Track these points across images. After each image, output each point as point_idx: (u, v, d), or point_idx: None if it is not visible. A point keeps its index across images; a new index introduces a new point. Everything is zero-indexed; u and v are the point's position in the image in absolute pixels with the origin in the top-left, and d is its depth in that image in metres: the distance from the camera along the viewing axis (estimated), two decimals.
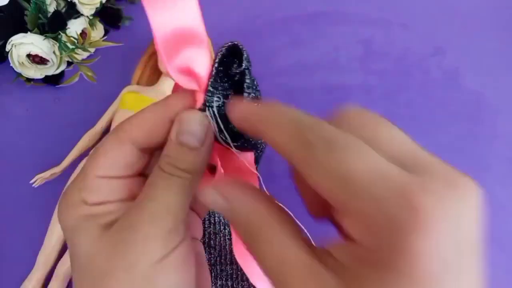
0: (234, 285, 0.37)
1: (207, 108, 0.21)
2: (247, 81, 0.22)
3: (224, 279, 0.37)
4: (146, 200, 0.20)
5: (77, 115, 0.44)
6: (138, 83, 0.44)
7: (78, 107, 0.45)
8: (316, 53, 0.46)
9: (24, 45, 0.42)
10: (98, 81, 0.45)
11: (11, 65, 0.43)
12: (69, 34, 0.43)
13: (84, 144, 0.41)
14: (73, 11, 0.45)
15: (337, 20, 0.48)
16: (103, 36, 0.47)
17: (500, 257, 0.37)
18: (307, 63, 0.46)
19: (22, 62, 0.43)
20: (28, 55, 0.43)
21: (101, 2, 0.45)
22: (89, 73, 0.45)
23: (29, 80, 0.45)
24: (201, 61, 0.21)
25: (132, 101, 0.41)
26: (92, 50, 0.46)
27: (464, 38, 0.47)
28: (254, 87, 0.22)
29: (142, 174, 0.23)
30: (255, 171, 0.25)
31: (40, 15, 0.42)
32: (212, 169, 0.23)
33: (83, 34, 0.45)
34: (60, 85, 0.46)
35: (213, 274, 0.37)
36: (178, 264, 0.20)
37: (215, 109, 0.21)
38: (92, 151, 0.23)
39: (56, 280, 0.37)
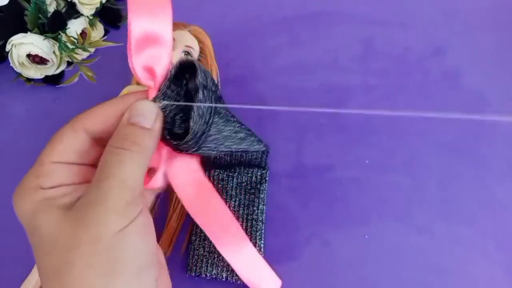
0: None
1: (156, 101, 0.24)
2: (200, 97, 0.24)
3: None
4: (103, 177, 0.21)
5: None
6: (138, 83, 0.44)
7: (78, 107, 0.44)
8: (316, 53, 0.46)
9: (24, 45, 0.42)
10: (98, 81, 0.45)
11: (11, 65, 0.43)
12: (69, 34, 0.43)
13: None
14: (73, 11, 0.45)
15: (337, 20, 0.48)
16: (103, 36, 0.47)
17: (500, 257, 0.37)
18: (307, 63, 0.46)
19: (22, 62, 0.43)
20: (28, 55, 0.43)
21: (101, 2, 0.45)
22: (89, 73, 0.45)
23: (29, 80, 0.45)
24: (162, 63, 0.24)
25: None
26: (92, 50, 0.46)
27: (464, 38, 0.47)
28: (206, 109, 0.25)
29: (95, 166, 0.24)
30: (201, 173, 0.29)
31: (40, 15, 0.42)
32: (149, 172, 0.26)
33: (83, 34, 0.45)
34: (60, 85, 0.46)
35: None
36: (139, 231, 0.21)
37: (161, 106, 0.24)
38: (49, 140, 0.25)
39: None
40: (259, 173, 0.39)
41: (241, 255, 0.33)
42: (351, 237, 0.38)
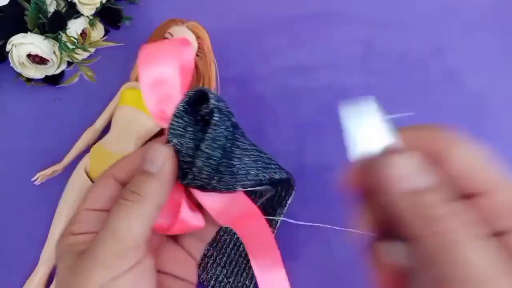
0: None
1: (168, 142, 0.24)
2: (215, 118, 0.24)
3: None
4: (102, 229, 0.21)
5: (77, 115, 0.44)
6: (137, 79, 0.44)
7: (78, 107, 0.45)
8: (316, 53, 0.46)
9: (24, 45, 0.42)
10: (98, 81, 0.45)
11: (11, 65, 0.43)
12: (69, 34, 0.43)
13: (84, 141, 0.42)
14: (73, 11, 0.45)
15: (337, 20, 0.48)
16: (103, 36, 0.47)
17: None
18: (307, 63, 0.46)
19: (22, 62, 0.43)
20: (28, 55, 0.43)
21: (101, 2, 0.45)
22: (89, 73, 0.45)
23: (29, 80, 0.45)
24: (171, 105, 0.25)
25: (132, 97, 0.41)
26: (92, 50, 0.46)
27: (464, 38, 0.47)
28: (225, 127, 0.24)
29: None
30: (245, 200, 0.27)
31: (40, 15, 0.42)
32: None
33: (83, 34, 0.45)
34: (60, 85, 0.46)
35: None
36: (130, 285, 0.21)
37: (174, 144, 0.23)
38: None
39: None
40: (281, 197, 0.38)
41: (273, 276, 0.32)
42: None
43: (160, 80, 0.25)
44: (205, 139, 0.23)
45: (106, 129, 0.42)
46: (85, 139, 0.42)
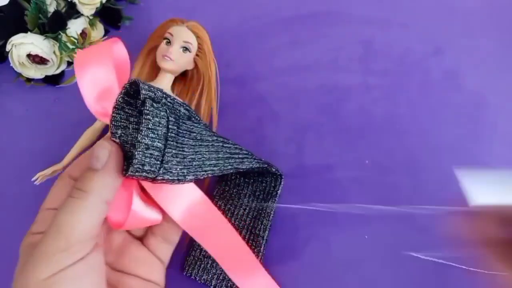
0: None
1: (112, 136, 0.24)
2: (147, 108, 0.23)
3: None
4: (50, 225, 0.22)
5: (77, 115, 0.44)
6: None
7: (78, 107, 0.45)
8: (316, 53, 0.46)
9: (24, 45, 0.42)
10: None
11: (11, 65, 0.43)
12: (69, 34, 0.43)
13: (84, 141, 0.42)
14: (73, 11, 0.45)
15: (337, 20, 0.48)
16: (103, 36, 0.47)
17: None
18: (307, 63, 0.46)
19: (22, 62, 0.43)
20: (28, 55, 0.43)
21: (101, 2, 0.45)
22: None
23: (29, 80, 0.45)
24: (111, 101, 0.25)
25: None
26: None
27: (464, 38, 0.47)
28: (163, 117, 0.24)
29: None
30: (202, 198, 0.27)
31: (40, 15, 0.42)
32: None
33: (83, 34, 0.45)
34: (60, 85, 0.46)
35: None
36: (73, 279, 0.21)
37: (117, 138, 0.24)
38: None
39: None
40: (272, 187, 0.38)
41: (253, 281, 0.32)
42: (351, 237, 0.38)
43: (95, 79, 0.26)
44: (140, 130, 0.23)
45: (106, 129, 0.42)
46: (85, 139, 0.42)
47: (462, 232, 0.23)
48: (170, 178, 0.25)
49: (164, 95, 0.25)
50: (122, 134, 0.24)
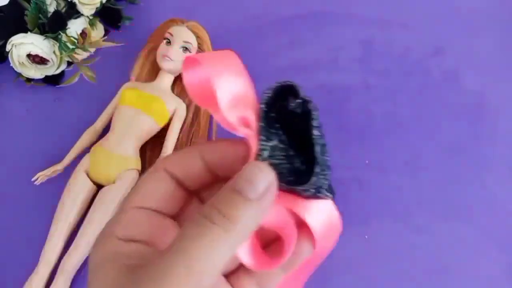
0: None
1: (258, 157, 0.19)
2: (315, 120, 0.19)
3: None
4: (172, 250, 0.17)
5: (77, 115, 0.44)
6: (137, 79, 0.44)
7: (78, 107, 0.45)
8: (316, 53, 0.46)
9: (24, 45, 0.42)
10: (98, 81, 0.45)
11: (11, 65, 0.43)
12: (69, 34, 0.43)
13: (84, 141, 0.42)
14: (73, 11, 0.45)
15: (337, 20, 0.48)
16: (103, 36, 0.47)
17: (500, 257, 0.37)
18: (307, 63, 0.46)
19: (22, 62, 0.43)
20: (28, 55, 0.43)
21: (101, 2, 0.45)
22: (89, 73, 0.45)
23: (29, 80, 0.45)
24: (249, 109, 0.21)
25: (132, 97, 0.41)
26: (92, 50, 0.46)
27: (464, 38, 0.47)
28: (321, 134, 0.20)
29: (175, 219, 0.21)
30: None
31: (40, 15, 0.42)
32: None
33: (83, 34, 0.45)
34: (60, 85, 0.46)
35: None
36: None
37: (266, 157, 0.19)
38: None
39: (61, 275, 0.37)
40: None
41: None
42: (351, 237, 0.38)
43: (230, 86, 0.21)
44: (316, 143, 0.19)
45: (106, 129, 0.42)
46: (85, 139, 0.42)
47: None
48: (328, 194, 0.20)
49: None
50: (275, 155, 0.19)
